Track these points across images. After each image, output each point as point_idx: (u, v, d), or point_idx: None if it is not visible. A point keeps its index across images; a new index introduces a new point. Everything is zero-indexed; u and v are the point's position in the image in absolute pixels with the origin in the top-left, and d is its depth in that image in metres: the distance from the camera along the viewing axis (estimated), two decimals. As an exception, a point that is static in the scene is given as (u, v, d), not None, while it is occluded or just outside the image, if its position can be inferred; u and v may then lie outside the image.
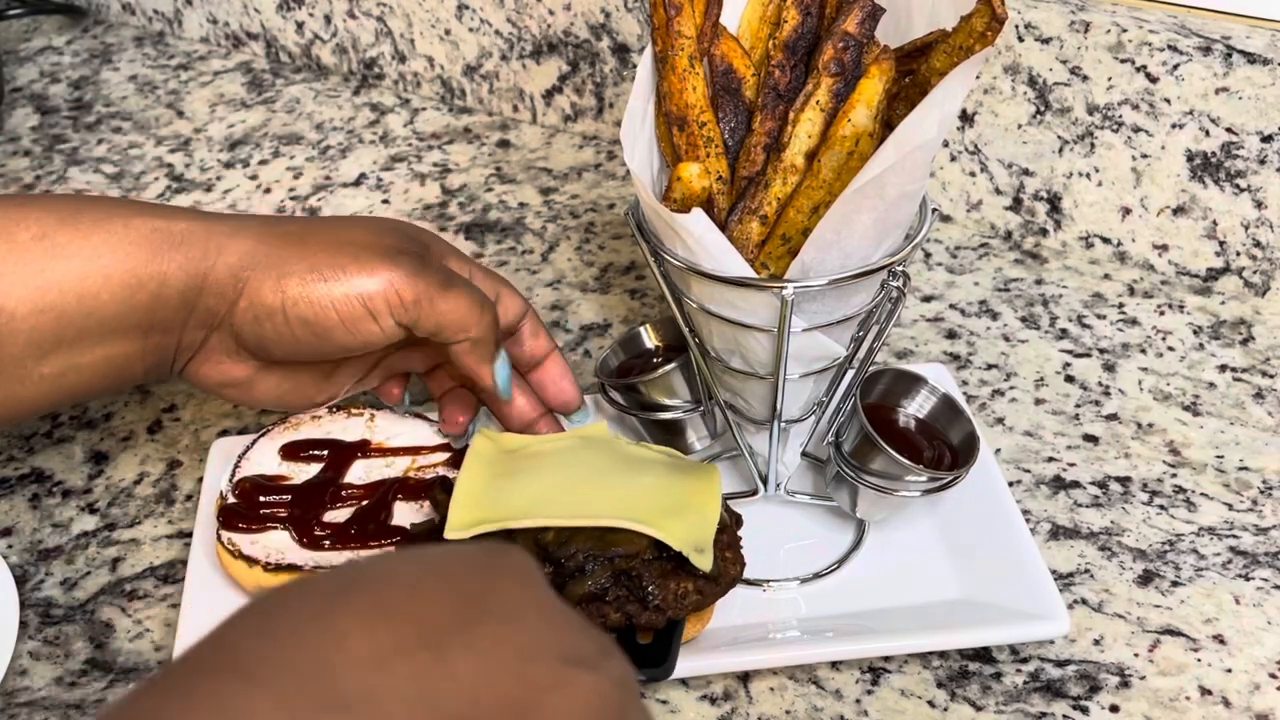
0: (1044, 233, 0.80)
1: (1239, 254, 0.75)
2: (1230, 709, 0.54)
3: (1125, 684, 0.55)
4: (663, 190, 0.52)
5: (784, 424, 0.57)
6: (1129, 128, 0.74)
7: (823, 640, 0.56)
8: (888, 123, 0.51)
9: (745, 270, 0.51)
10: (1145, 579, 0.60)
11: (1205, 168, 0.73)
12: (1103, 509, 0.63)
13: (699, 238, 0.50)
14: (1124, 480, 0.65)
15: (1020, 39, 0.75)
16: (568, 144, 0.93)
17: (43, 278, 0.52)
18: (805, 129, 0.52)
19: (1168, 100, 0.72)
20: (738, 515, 0.58)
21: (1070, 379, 0.71)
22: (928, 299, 0.77)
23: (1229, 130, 0.72)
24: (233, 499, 0.59)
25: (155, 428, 0.69)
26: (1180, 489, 0.64)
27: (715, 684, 0.56)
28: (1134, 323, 0.74)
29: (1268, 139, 0.71)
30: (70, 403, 0.56)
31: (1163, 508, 0.63)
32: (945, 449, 0.59)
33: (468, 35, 0.94)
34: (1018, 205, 0.80)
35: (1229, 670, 0.56)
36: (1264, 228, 0.73)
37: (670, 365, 0.60)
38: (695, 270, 0.51)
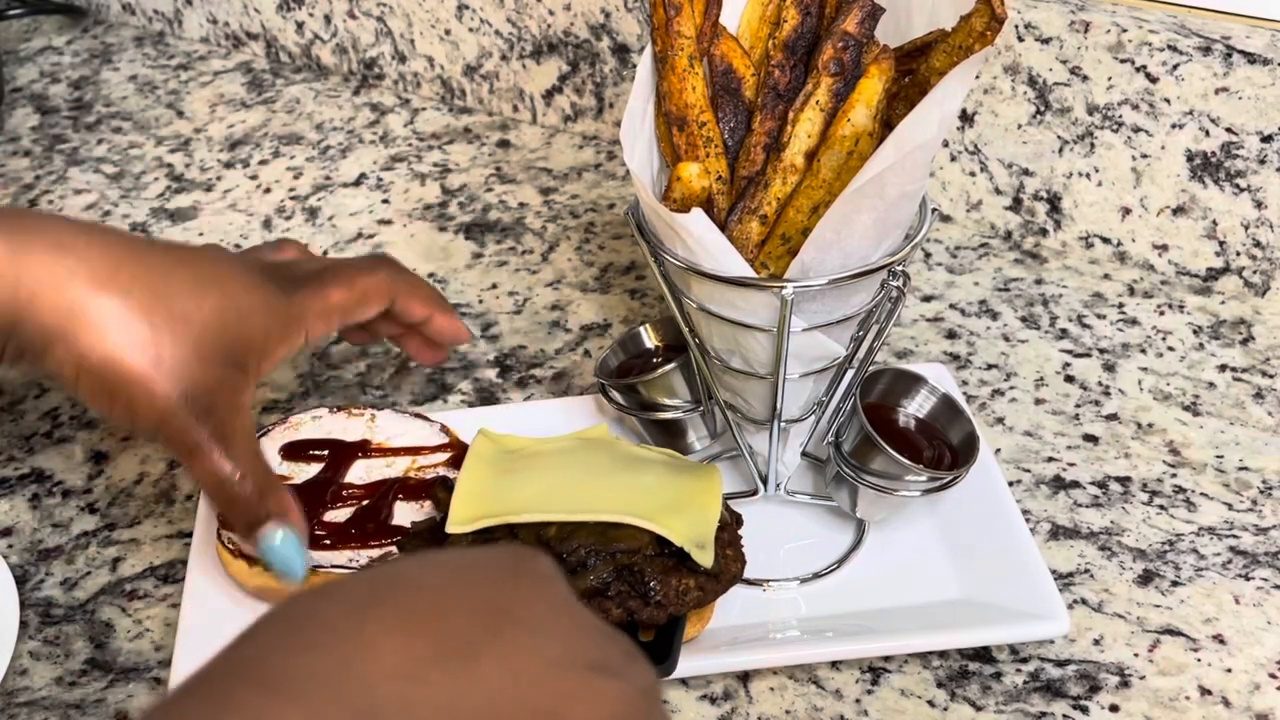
0: (1044, 233, 0.80)
1: (1239, 254, 0.75)
2: (1230, 709, 0.54)
3: (1125, 684, 0.55)
4: (663, 190, 0.52)
5: (784, 424, 0.57)
6: (1129, 128, 0.74)
7: (823, 640, 0.56)
8: (887, 122, 0.51)
9: (745, 270, 0.51)
10: (1145, 579, 0.60)
11: (1205, 168, 0.73)
12: (1103, 509, 0.63)
13: (699, 238, 0.50)
14: (1124, 480, 0.65)
15: (1020, 39, 0.75)
16: (568, 144, 0.93)
17: None
18: (805, 129, 0.52)
19: (1168, 100, 0.72)
20: (738, 514, 0.58)
21: (1070, 379, 0.71)
22: (928, 299, 0.77)
23: (1229, 130, 0.72)
24: None
25: (155, 428, 0.69)
26: (1180, 489, 0.64)
27: (715, 684, 0.55)
28: (1134, 323, 0.74)
29: (1268, 139, 0.71)
30: None
31: (1163, 508, 0.63)
32: (945, 449, 0.59)
33: (468, 35, 0.94)
34: (1018, 205, 0.80)
35: (1229, 670, 0.56)
36: (1264, 228, 0.73)
37: (670, 365, 0.60)
38: (695, 270, 0.51)
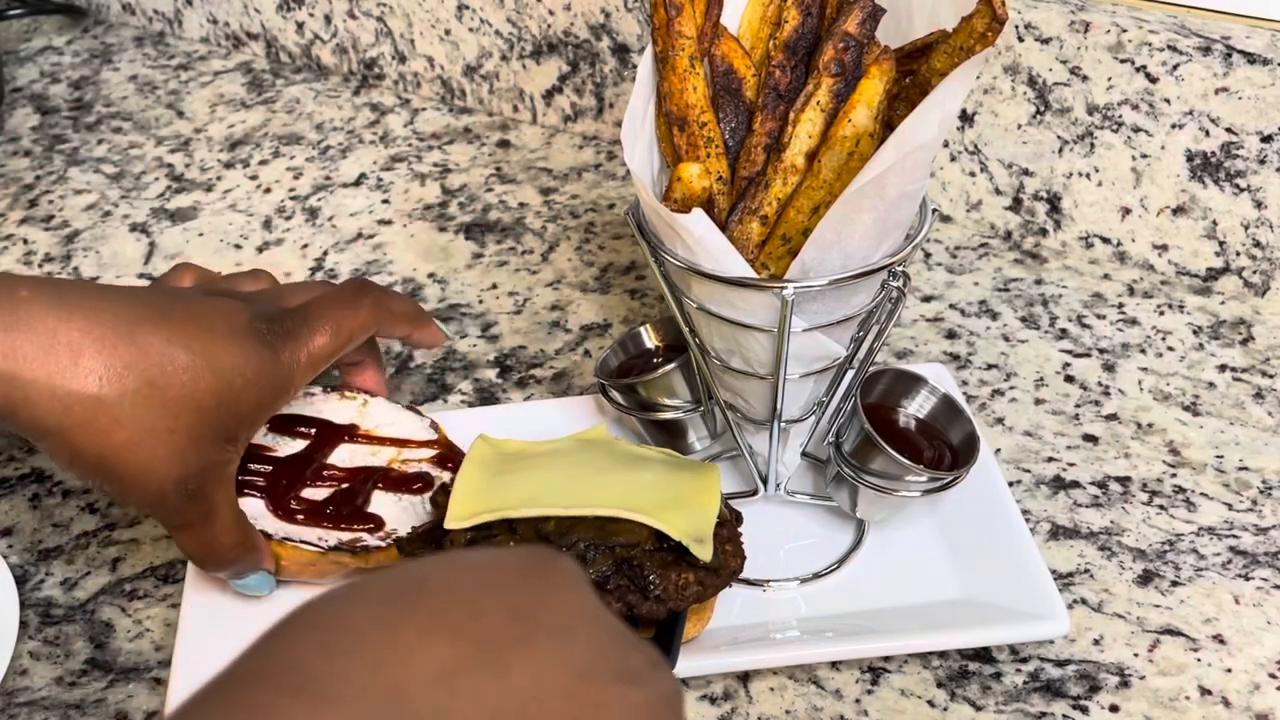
0: (1044, 233, 0.80)
1: (1239, 254, 0.75)
2: (1230, 709, 0.54)
3: (1125, 684, 0.55)
4: (663, 190, 0.52)
5: (784, 424, 0.58)
6: (1129, 128, 0.74)
7: (823, 640, 0.56)
8: (888, 123, 0.51)
9: (745, 270, 0.51)
10: (1145, 579, 0.60)
11: (1205, 168, 0.73)
12: (1102, 509, 0.63)
13: (699, 238, 0.50)
14: (1124, 480, 0.65)
15: (1020, 39, 0.75)
16: (568, 144, 0.93)
17: None
18: (805, 129, 0.52)
19: (1168, 100, 0.72)
20: (737, 512, 0.58)
21: (1070, 379, 0.71)
22: (928, 299, 0.77)
23: (1229, 130, 0.72)
24: None
25: (155, 428, 0.69)
26: (1180, 489, 0.64)
27: (715, 684, 0.56)
28: (1134, 323, 0.74)
29: (1268, 139, 0.71)
30: None
31: (1162, 508, 0.63)
32: (945, 449, 0.59)
33: (468, 35, 0.94)
34: (1018, 205, 0.80)
35: (1229, 670, 0.56)
36: (1264, 228, 0.73)
37: (670, 365, 0.60)
38: (695, 270, 0.51)
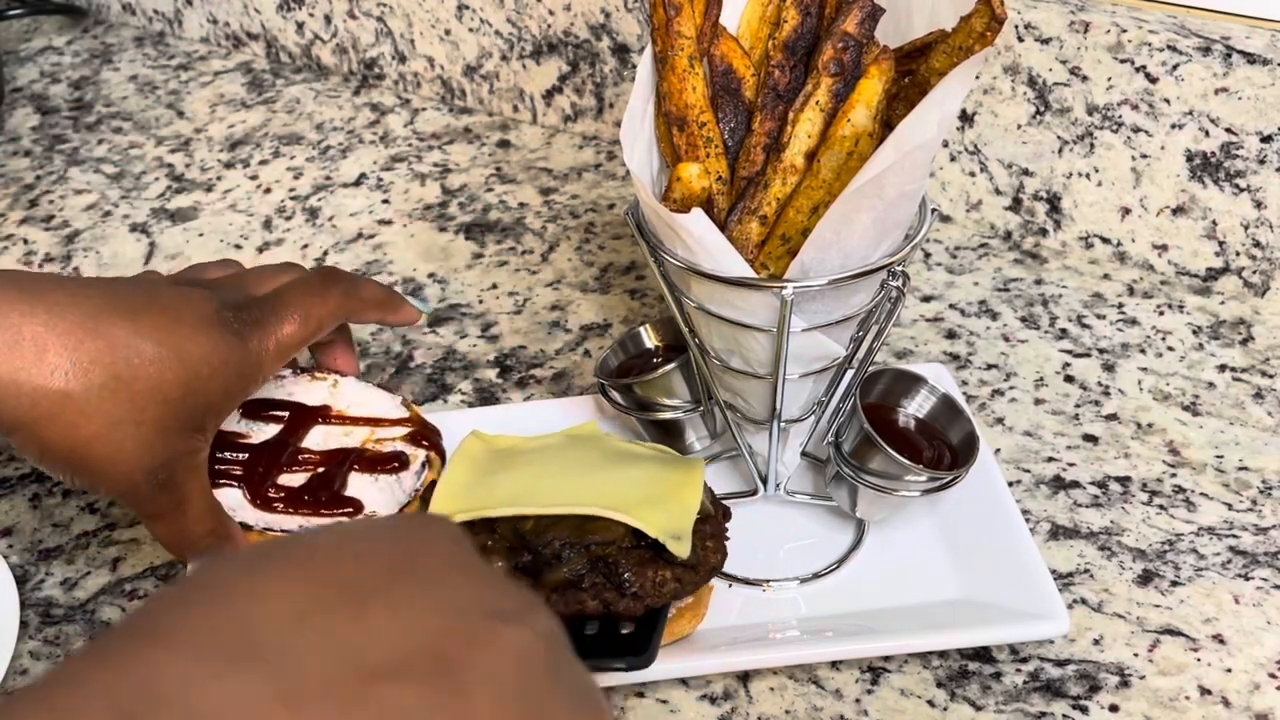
0: (1044, 233, 0.80)
1: (1239, 254, 0.75)
2: (1230, 709, 0.54)
3: (1125, 684, 0.55)
4: (662, 190, 0.52)
5: (784, 424, 0.58)
6: (1129, 128, 0.74)
7: (823, 640, 0.56)
8: (887, 123, 0.51)
9: (745, 270, 0.51)
10: (1145, 579, 0.60)
11: (1205, 168, 0.73)
12: (1102, 509, 0.63)
13: (699, 238, 0.50)
14: (1124, 480, 0.65)
15: (1020, 39, 0.75)
16: (568, 144, 0.93)
17: None
18: (805, 129, 0.52)
19: (1167, 100, 0.72)
20: (725, 508, 0.57)
21: (1070, 379, 0.71)
22: (927, 299, 0.77)
23: (1229, 130, 0.72)
24: None
25: (155, 428, 0.69)
26: (1180, 489, 0.64)
27: (715, 684, 0.56)
28: (1134, 323, 0.74)
29: (1267, 139, 0.71)
30: None
31: (1162, 508, 0.63)
32: (945, 449, 0.59)
33: (468, 35, 0.94)
34: (1017, 205, 0.80)
35: (1229, 670, 0.56)
36: (1264, 228, 0.73)
37: (670, 365, 0.60)
38: (695, 270, 0.51)
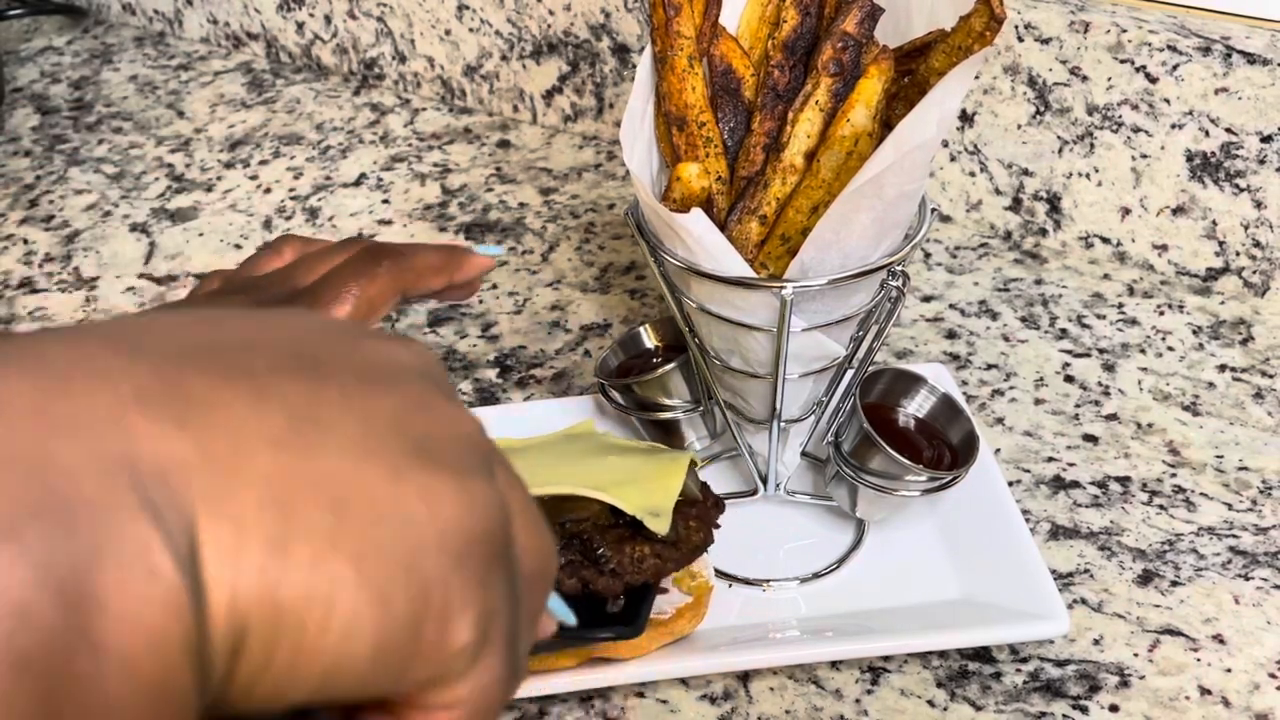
0: (1044, 233, 0.80)
1: (1239, 254, 0.75)
2: (1230, 709, 0.54)
3: (1125, 684, 0.55)
4: (662, 190, 0.52)
5: (784, 424, 0.57)
6: (1129, 128, 0.74)
7: (823, 640, 0.56)
8: (887, 123, 0.51)
9: (745, 270, 0.51)
10: (1145, 579, 0.60)
11: (1205, 168, 0.73)
12: (1102, 509, 0.63)
13: (698, 238, 0.50)
14: (1124, 480, 0.65)
15: (1020, 39, 0.75)
16: (568, 144, 0.93)
17: None
18: (804, 129, 0.52)
19: (1167, 100, 0.72)
20: (719, 499, 0.57)
21: (1070, 379, 0.71)
22: (927, 299, 0.77)
23: (1228, 130, 0.72)
24: None
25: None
26: (1180, 489, 0.64)
27: (715, 684, 0.56)
28: (1134, 323, 0.74)
29: (1267, 139, 0.71)
30: None
31: (1162, 508, 0.63)
32: (945, 449, 0.59)
33: (468, 35, 0.94)
34: (1017, 205, 0.80)
35: (1229, 670, 0.56)
36: (1263, 228, 0.73)
37: (670, 365, 0.60)
38: (695, 270, 0.51)
